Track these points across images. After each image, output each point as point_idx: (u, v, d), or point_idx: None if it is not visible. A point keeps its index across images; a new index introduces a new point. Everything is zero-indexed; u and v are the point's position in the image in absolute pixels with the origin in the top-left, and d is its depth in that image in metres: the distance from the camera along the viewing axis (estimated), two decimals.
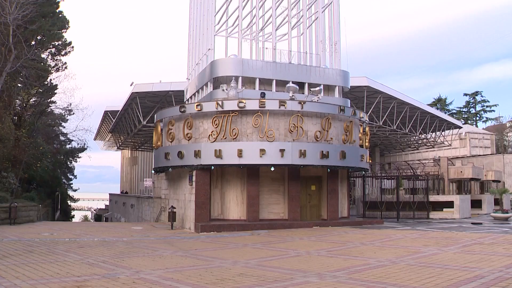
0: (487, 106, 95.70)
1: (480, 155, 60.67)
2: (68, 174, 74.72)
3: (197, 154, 25.76)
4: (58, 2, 42.37)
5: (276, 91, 28.32)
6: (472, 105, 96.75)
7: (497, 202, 42.32)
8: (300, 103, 26.16)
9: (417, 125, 51.42)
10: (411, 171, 39.27)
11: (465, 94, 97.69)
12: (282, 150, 25.42)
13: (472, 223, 30.47)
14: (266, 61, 28.92)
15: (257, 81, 28.13)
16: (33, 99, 46.60)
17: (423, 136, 57.52)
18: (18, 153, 39.19)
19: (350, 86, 31.98)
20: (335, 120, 27.48)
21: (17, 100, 43.19)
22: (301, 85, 28.92)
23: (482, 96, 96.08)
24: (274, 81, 28.47)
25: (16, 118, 43.33)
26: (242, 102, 25.53)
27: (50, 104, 50.73)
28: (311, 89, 28.72)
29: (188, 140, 26.59)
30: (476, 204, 42.62)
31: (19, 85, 41.07)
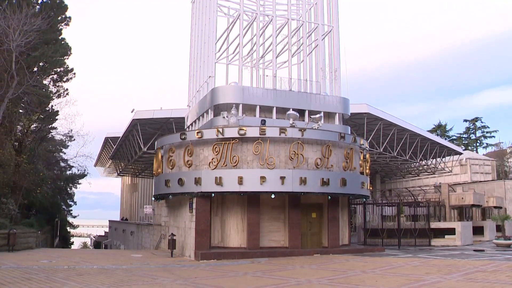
0: (487, 132, 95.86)
1: (481, 181, 60.53)
2: (68, 201, 74.44)
3: (197, 181, 25.72)
4: (61, 29, 42.91)
5: (276, 118, 28.42)
6: (472, 131, 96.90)
7: (499, 228, 42.10)
8: (300, 130, 26.24)
9: (417, 151, 51.46)
10: (412, 198, 39.13)
11: (465, 120, 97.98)
12: (282, 178, 25.40)
13: (474, 250, 30.25)
14: (267, 89, 29.11)
15: (258, 109, 28.25)
16: (34, 125, 46.70)
17: (423, 162, 57.50)
18: (18, 179, 39.14)
19: (350, 113, 32.10)
20: (336, 147, 27.52)
21: (18, 126, 43.32)
22: (301, 112, 29.03)
23: (482, 122, 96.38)
24: (275, 108, 28.59)
25: (16, 144, 43.37)
26: (243, 129, 25.60)
27: (51, 130, 50.81)
28: (312, 116, 28.82)
29: (189, 167, 26.57)
30: (478, 230, 42.36)
31: (20, 111, 41.24)
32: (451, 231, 36.48)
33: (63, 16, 42.55)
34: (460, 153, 60.14)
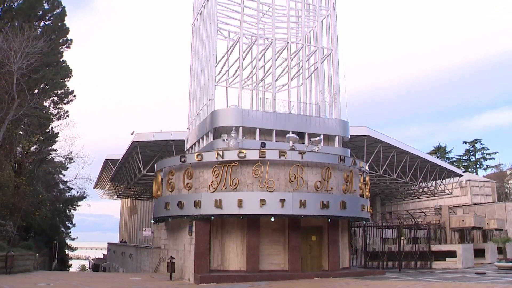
0: (487, 154, 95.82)
1: (481, 203, 60.32)
2: (66, 223, 73.94)
3: (197, 204, 25.66)
4: (62, 51, 43.27)
5: (276, 141, 28.46)
6: (472, 153, 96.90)
7: (501, 251, 41.84)
8: (300, 153, 26.25)
9: (417, 173, 51.40)
10: (412, 220, 38.96)
11: (465, 142, 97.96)
12: (282, 201, 25.35)
13: (476, 273, 30.03)
14: (266, 112, 29.21)
15: (258, 131, 28.30)
16: (34, 147, 46.69)
17: (423, 184, 57.36)
18: (17, 201, 39.02)
19: (350, 136, 32.15)
20: (335, 170, 27.49)
21: (18, 148, 43.33)
22: (301, 135, 29.08)
23: (481, 143, 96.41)
24: (274, 131, 28.64)
25: (16, 165, 43.32)
26: (243, 152, 25.61)
27: (50, 152, 50.84)
28: (311, 139, 28.86)
29: (188, 190, 26.51)
30: (479, 253, 42.06)
31: (20, 132, 41.31)
32: (452, 254, 36.26)
33: (65, 38, 42.95)
34: (460, 175, 60.06)
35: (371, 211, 32.82)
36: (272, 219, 26.01)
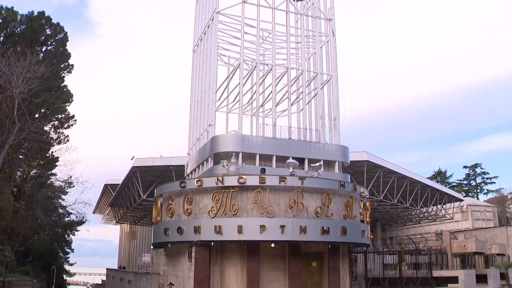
0: (487, 178, 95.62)
1: (483, 228, 59.97)
2: (65, 248, 73.41)
3: (196, 230, 25.52)
4: (63, 76, 43.61)
5: (276, 166, 28.41)
6: (472, 178, 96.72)
7: (503, 276, 41.47)
8: (300, 179, 26.20)
9: (418, 198, 51.22)
10: (413, 245, 38.75)
11: (465, 167, 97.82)
12: (282, 226, 25.21)
13: None
14: (266, 137, 29.25)
15: (258, 157, 28.29)
16: (34, 171, 46.68)
17: (424, 209, 57.13)
18: (15, 226, 38.83)
19: (350, 161, 32.11)
20: (336, 195, 27.41)
21: (18, 172, 43.30)
22: (301, 160, 29.06)
23: (481, 168, 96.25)
24: (274, 157, 28.62)
25: (15, 189, 43.25)
26: (243, 178, 25.58)
27: (50, 177, 50.74)
28: (311, 164, 28.83)
29: (188, 215, 26.40)
30: (481, 279, 41.69)
31: (20, 157, 41.31)
32: (454, 280, 36.00)
33: (66, 63, 43.33)
34: (461, 200, 59.87)
35: (371, 236, 32.65)
36: (272, 245, 25.85)
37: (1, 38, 40.44)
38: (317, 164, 28.50)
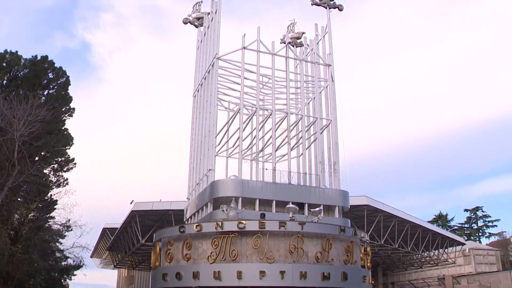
0: (489, 221, 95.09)
1: (486, 272, 59.24)
2: None
3: (195, 275, 25.18)
4: (64, 120, 43.80)
5: (276, 211, 28.30)
6: (473, 221, 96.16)
7: None
8: (300, 224, 26.02)
9: (419, 243, 50.78)
10: None
11: (466, 210, 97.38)
12: (282, 272, 24.87)
13: None
14: (266, 182, 29.23)
15: (257, 202, 28.21)
16: (32, 214, 46.34)
17: (426, 254, 56.55)
18: (11, 270, 38.35)
19: (350, 206, 31.97)
20: (336, 240, 27.15)
21: (16, 215, 42.99)
22: (301, 205, 28.95)
23: (483, 211, 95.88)
24: (274, 201, 28.54)
25: (12, 233, 42.84)
26: (242, 223, 25.41)
27: (48, 220, 50.34)
28: (311, 209, 28.71)
29: (187, 261, 26.08)
30: None
31: (19, 199, 41.14)
32: None
33: (67, 107, 43.61)
34: (463, 244, 59.36)
35: (373, 282, 32.16)
36: None
37: (4, 81, 40.89)
38: (317, 209, 28.38)
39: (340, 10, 35.85)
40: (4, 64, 40.15)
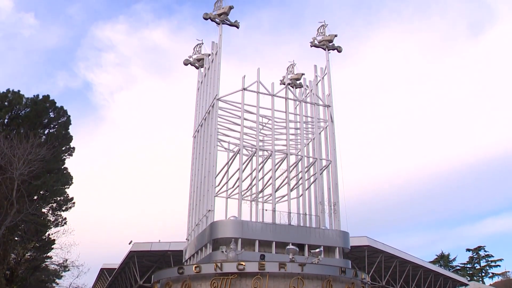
0: (491, 261, 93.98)
1: None
2: None
3: None
4: (64, 159, 43.69)
5: (276, 252, 28.06)
6: (476, 261, 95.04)
7: None
8: (300, 265, 25.78)
9: (421, 283, 50.18)
10: None
11: (468, 250, 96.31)
12: None
13: None
14: (266, 223, 29.08)
15: (257, 243, 28.00)
16: (29, 254, 45.77)
17: None
18: None
19: (351, 246, 31.73)
20: (336, 282, 26.82)
21: (12, 254, 42.45)
22: (301, 246, 28.71)
23: (485, 251, 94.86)
24: (274, 242, 28.33)
25: (8, 273, 42.19)
26: (242, 264, 25.17)
27: (45, 260, 49.70)
28: (311, 250, 28.46)
29: None
30: None
31: (16, 238, 40.70)
32: None
33: (67, 146, 43.58)
34: (466, 284, 58.74)
35: None
36: None
37: (6, 120, 41.02)
38: (317, 250, 28.14)
39: (339, 51, 36.36)
40: (5, 103, 40.35)
